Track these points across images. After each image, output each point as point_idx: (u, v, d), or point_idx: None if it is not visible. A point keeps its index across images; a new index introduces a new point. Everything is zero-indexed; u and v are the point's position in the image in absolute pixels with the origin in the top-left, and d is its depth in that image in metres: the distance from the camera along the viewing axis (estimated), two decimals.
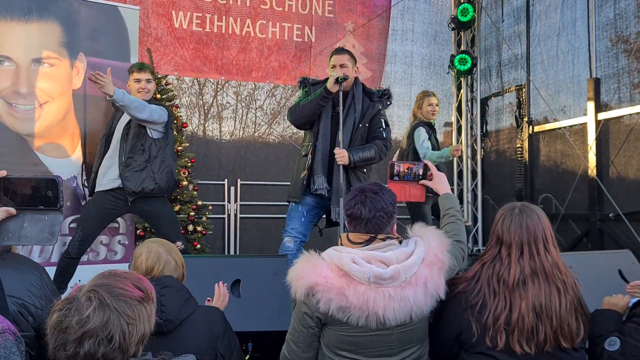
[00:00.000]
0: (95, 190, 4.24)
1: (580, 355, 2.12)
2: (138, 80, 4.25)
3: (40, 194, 1.78)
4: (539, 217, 2.20)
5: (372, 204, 2.14)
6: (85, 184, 4.54)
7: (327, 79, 4.09)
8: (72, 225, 4.42)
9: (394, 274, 2.00)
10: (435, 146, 5.41)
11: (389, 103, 4.29)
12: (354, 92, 4.11)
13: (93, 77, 3.76)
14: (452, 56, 7.43)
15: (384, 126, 4.16)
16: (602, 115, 5.93)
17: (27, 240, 1.79)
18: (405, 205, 5.22)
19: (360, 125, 4.11)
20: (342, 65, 4.07)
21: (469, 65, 7.32)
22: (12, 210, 1.77)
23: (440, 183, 2.69)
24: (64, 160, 4.41)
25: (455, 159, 7.36)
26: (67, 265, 4.13)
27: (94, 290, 1.42)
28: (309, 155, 4.09)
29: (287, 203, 4.27)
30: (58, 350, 1.39)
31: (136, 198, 4.18)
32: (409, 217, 5.19)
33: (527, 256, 2.14)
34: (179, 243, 4.19)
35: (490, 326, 2.07)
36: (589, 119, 6.05)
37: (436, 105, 5.45)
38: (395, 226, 2.22)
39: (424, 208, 5.08)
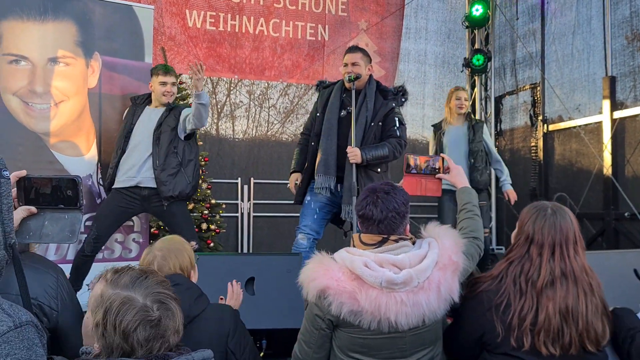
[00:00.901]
0: (113, 187, 4.28)
1: (602, 355, 2.09)
2: (164, 84, 4.32)
3: (60, 193, 1.80)
4: (571, 219, 2.15)
5: (384, 204, 2.10)
6: (101, 182, 4.58)
7: (334, 84, 4.26)
8: (88, 223, 4.45)
9: (406, 279, 1.97)
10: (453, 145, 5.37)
11: (404, 100, 4.23)
12: (366, 91, 4.10)
13: (195, 68, 3.96)
14: (472, 51, 7.37)
15: (397, 124, 4.11)
16: (618, 114, 5.88)
17: (47, 239, 1.82)
18: (419, 204, 5.24)
19: (373, 124, 4.07)
20: (353, 64, 4.07)
21: (482, 63, 7.28)
22: (33, 209, 1.80)
23: (457, 176, 2.62)
24: (79, 159, 4.44)
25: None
26: (82, 263, 4.17)
27: (158, 292, 1.49)
28: (308, 161, 4.18)
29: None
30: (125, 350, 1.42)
31: (152, 197, 4.21)
32: (421, 216, 5.20)
33: (557, 257, 2.08)
34: (193, 243, 4.19)
35: (516, 327, 2.03)
36: (605, 117, 5.99)
37: (465, 99, 5.43)
38: (408, 226, 2.19)
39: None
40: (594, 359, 2.05)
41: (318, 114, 4.17)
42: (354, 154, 3.90)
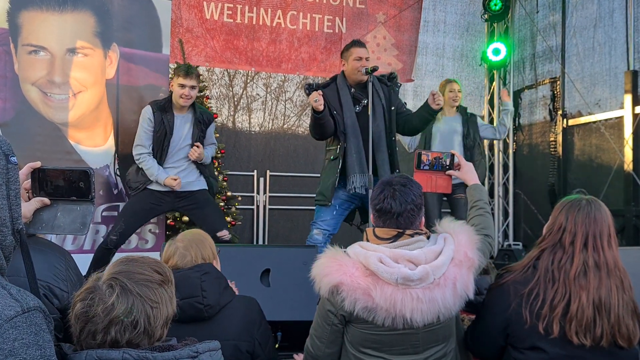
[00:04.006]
0: (148, 187, 4.28)
1: (634, 351, 2.05)
2: (182, 86, 4.20)
3: (73, 185, 1.81)
4: (606, 212, 2.11)
5: (402, 197, 2.07)
6: (118, 172, 4.60)
7: (328, 83, 4.20)
8: (105, 213, 4.48)
9: (422, 276, 1.94)
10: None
11: (400, 84, 4.38)
12: (372, 82, 4.07)
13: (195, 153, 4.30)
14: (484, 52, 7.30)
15: (405, 105, 4.32)
16: None
17: (59, 230, 1.83)
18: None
19: (393, 109, 4.15)
20: (367, 58, 4.13)
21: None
22: (46, 201, 1.81)
23: (468, 173, 2.59)
24: (97, 149, 4.47)
25: (487, 152, 7.26)
26: (103, 256, 4.15)
27: (114, 277, 1.44)
28: (339, 158, 4.06)
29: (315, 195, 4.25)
30: (85, 339, 1.41)
31: (185, 197, 4.31)
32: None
33: (591, 248, 2.05)
34: (225, 232, 4.25)
35: (546, 314, 1.99)
36: (626, 112, 5.90)
37: (458, 91, 5.39)
38: (423, 219, 2.16)
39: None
40: (624, 354, 2.02)
41: (335, 112, 4.11)
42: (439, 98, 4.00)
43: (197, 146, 4.25)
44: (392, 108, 4.15)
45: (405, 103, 4.39)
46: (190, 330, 1.54)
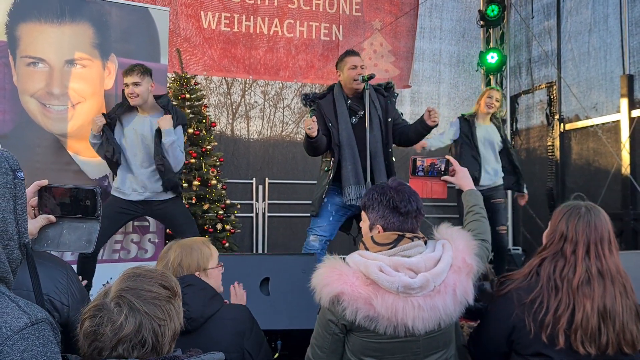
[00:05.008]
0: (113, 193, 4.25)
1: (638, 356, 2.05)
2: (126, 85, 4.13)
3: (79, 203, 1.84)
4: (605, 218, 2.12)
5: (409, 197, 2.12)
6: None
7: (325, 94, 4.22)
8: None
9: (423, 283, 1.95)
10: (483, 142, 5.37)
11: (397, 94, 4.36)
12: (369, 92, 4.08)
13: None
14: (481, 53, 7.36)
15: (402, 115, 4.32)
16: (636, 113, 5.81)
17: (65, 247, 1.86)
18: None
19: (390, 120, 4.15)
20: (362, 66, 4.14)
21: (498, 62, 7.25)
22: (52, 218, 1.84)
23: (463, 178, 2.60)
24: (96, 160, 4.47)
25: None
26: (84, 264, 4.07)
27: (122, 295, 1.45)
28: (331, 171, 4.09)
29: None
30: (91, 354, 1.43)
31: (154, 201, 4.21)
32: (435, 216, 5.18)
33: (593, 256, 2.05)
34: None
35: (549, 324, 1.99)
36: (623, 116, 5.93)
37: (496, 100, 5.38)
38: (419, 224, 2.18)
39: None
40: None
41: (330, 124, 4.13)
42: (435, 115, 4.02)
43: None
44: (389, 119, 4.15)
45: (402, 113, 4.39)
46: (179, 342, 1.54)
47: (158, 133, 4.14)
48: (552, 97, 6.98)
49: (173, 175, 4.19)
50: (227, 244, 5.44)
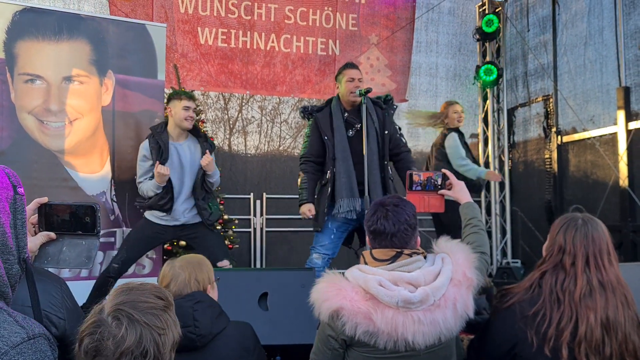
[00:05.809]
0: (148, 218, 4.30)
1: None
2: (187, 108, 4.29)
3: (79, 219, 1.85)
4: (603, 230, 2.12)
5: (395, 217, 2.08)
6: (114, 198, 4.60)
7: (322, 107, 4.27)
8: (102, 239, 4.47)
9: (423, 298, 1.93)
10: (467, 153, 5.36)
11: (395, 106, 4.38)
12: (366, 105, 4.10)
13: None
14: (478, 67, 7.41)
15: (400, 131, 4.34)
16: (633, 125, 5.83)
17: (65, 264, 1.87)
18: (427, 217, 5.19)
19: (386, 132, 4.16)
20: (359, 79, 4.17)
21: (494, 75, 7.29)
22: (52, 235, 1.85)
23: (460, 192, 2.60)
24: (94, 176, 4.47)
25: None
26: (104, 284, 4.14)
27: (119, 309, 1.44)
28: (329, 184, 4.12)
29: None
30: None
31: (187, 227, 4.31)
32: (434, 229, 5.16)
33: (593, 268, 2.05)
34: (226, 262, 4.25)
35: (552, 337, 1.98)
36: (620, 128, 5.95)
37: (461, 112, 5.45)
38: (419, 239, 2.17)
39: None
40: None
41: (326, 138, 4.15)
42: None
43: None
44: (386, 132, 4.16)
45: (400, 128, 4.39)
46: (185, 359, 1.54)
47: (197, 164, 4.28)
48: (548, 109, 7.01)
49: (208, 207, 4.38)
50: None
